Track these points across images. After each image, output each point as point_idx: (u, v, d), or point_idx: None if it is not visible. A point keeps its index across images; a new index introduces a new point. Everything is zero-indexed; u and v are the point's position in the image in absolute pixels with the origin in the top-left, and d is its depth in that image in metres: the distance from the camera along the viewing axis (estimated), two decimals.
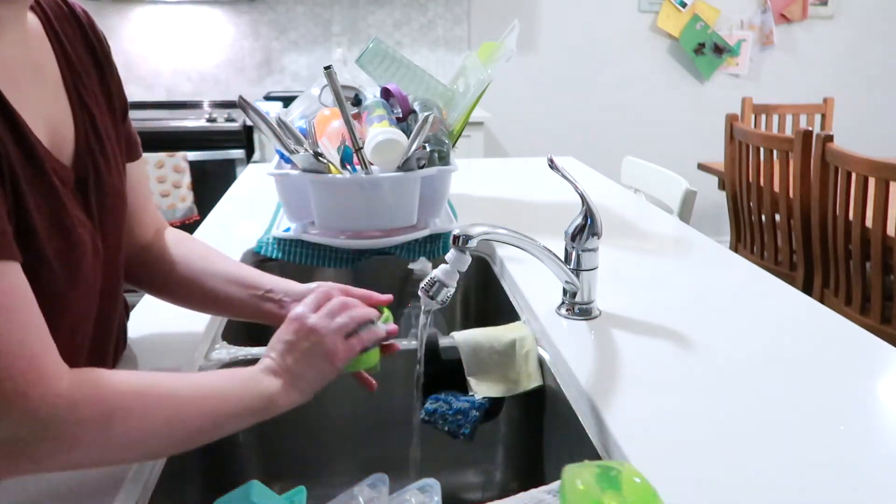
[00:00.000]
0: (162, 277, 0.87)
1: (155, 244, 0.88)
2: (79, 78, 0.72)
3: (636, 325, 0.95)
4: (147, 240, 0.87)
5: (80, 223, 0.67)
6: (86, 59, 0.74)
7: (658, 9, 3.81)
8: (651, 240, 1.36)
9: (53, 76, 0.69)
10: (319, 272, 1.30)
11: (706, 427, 0.71)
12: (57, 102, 0.68)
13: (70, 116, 0.69)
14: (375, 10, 3.64)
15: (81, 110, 0.71)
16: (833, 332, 0.95)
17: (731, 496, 0.61)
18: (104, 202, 0.72)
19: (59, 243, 0.62)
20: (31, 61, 0.66)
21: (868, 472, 0.64)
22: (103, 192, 0.72)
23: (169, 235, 0.90)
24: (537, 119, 3.89)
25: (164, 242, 0.88)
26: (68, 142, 0.68)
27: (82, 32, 0.75)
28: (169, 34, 3.51)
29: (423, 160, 1.19)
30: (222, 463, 0.96)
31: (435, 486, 0.76)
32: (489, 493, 1.07)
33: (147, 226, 0.88)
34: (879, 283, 2.04)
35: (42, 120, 0.64)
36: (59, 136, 0.67)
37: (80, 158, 0.69)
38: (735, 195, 2.74)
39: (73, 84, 0.70)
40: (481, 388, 0.94)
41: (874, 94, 4.08)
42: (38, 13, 0.69)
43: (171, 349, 0.90)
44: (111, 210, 0.73)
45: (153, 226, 0.89)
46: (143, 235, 0.87)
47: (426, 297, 0.84)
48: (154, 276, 0.88)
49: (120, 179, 0.76)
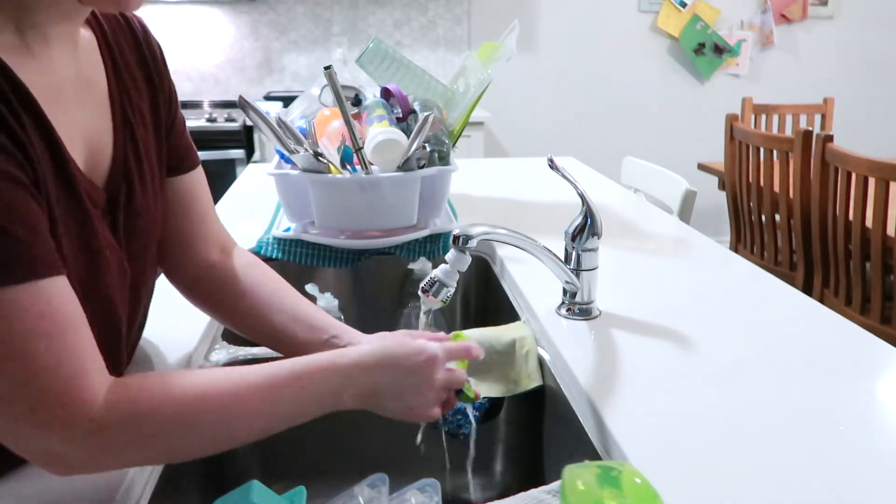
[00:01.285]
0: (228, 304, 0.84)
1: (221, 266, 0.85)
2: (126, 93, 0.71)
3: (636, 325, 0.95)
4: (212, 259, 0.84)
5: (108, 245, 0.66)
6: (137, 72, 0.73)
7: (658, 9, 3.81)
8: (651, 240, 1.36)
9: (101, 91, 0.68)
10: (319, 272, 1.30)
11: (706, 427, 0.71)
12: (100, 118, 0.68)
13: (111, 133, 0.69)
14: (375, 10, 3.63)
15: (124, 126, 0.70)
16: (833, 332, 0.95)
17: (732, 496, 0.61)
18: (133, 223, 0.71)
19: (84, 266, 0.62)
20: (81, 76, 0.65)
21: (868, 472, 0.64)
22: (133, 213, 0.71)
23: (238, 259, 0.86)
24: (537, 119, 3.89)
25: (231, 265, 0.85)
26: (105, 159, 0.68)
27: (137, 46, 0.74)
28: (169, 34, 3.51)
29: (423, 160, 1.19)
30: (222, 463, 0.96)
31: (435, 486, 0.76)
32: (489, 493, 1.07)
33: (210, 241, 0.85)
34: (879, 283, 2.04)
35: (82, 138, 0.64)
36: (96, 153, 0.66)
37: (115, 177, 0.68)
38: (735, 195, 2.74)
39: (119, 99, 0.70)
40: (481, 388, 0.94)
41: (874, 94, 4.08)
42: (94, 27, 0.69)
43: (170, 349, 0.90)
44: (140, 232, 0.72)
45: (217, 242, 0.86)
46: (207, 252, 0.84)
47: (426, 296, 0.84)
48: (218, 301, 0.85)
49: (154, 201, 0.75)
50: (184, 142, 0.82)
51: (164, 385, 0.60)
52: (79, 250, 0.62)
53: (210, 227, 0.85)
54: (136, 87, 0.73)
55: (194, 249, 0.83)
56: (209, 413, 0.60)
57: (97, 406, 0.55)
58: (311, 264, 1.27)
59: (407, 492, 0.76)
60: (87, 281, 0.62)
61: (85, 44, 0.67)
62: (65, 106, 0.62)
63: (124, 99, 0.70)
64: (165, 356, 0.89)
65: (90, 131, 0.66)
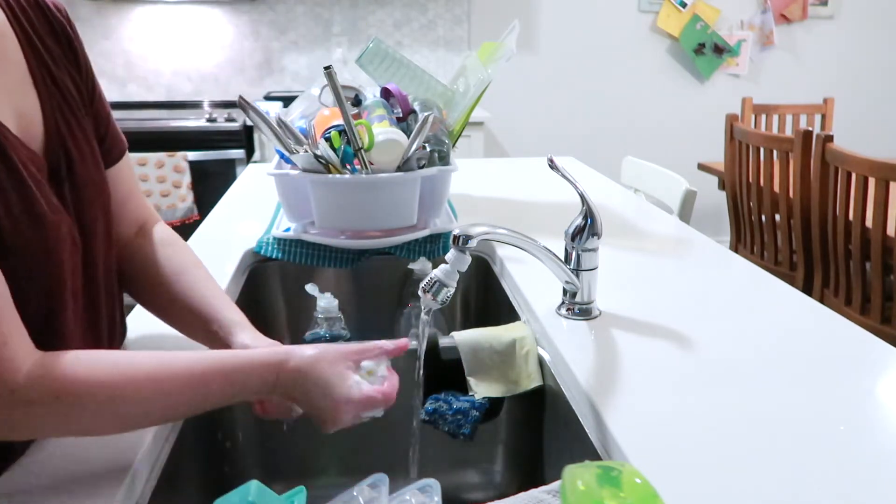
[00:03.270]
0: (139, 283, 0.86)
1: (133, 244, 0.86)
2: (45, 67, 0.72)
3: (636, 325, 0.95)
4: (128, 236, 0.86)
5: (55, 210, 0.66)
6: (54, 48, 0.74)
7: (658, 9, 3.81)
8: (651, 240, 1.36)
9: (20, 66, 0.69)
10: (319, 272, 1.30)
11: (706, 427, 0.71)
12: (24, 93, 0.68)
13: (38, 106, 0.69)
14: (375, 10, 3.63)
15: (51, 100, 0.71)
16: (833, 332, 0.95)
17: (732, 496, 0.61)
18: (80, 194, 0.72)
19: (29, 232, 0.63)
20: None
21: (868, 472, 0.64)
22: (77, 183, 0.72)
23: (158, 234, 0.88)
24: (537, 119, 3.89)
25: (144, 243, 0.86)
26: (37, 129, 0.68)
27: (49, 21, 0.75)
28: (169, 34, 3.50)
29: (423, 160, 1.19)
30: (222, 463, 0.96)
31: (435, 486, 0.76)
32: (489, 493, 1.07)
33: (128, 221, 0.86)
34: (879, 283, 2.04)
35: (10, 109, 0.65)
36: (28, 124, 0.67)
37: (51, 146, 0.69)
38: (735, 195, 2.74)
39: (40, 74, 0.71)
40: (481, 388, 0.94)
41: (874, 94, 4.08)
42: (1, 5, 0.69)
43: (169, 347, 0.90)
44: (89, 202, 0.73)
45: (135, 222, 0.87)
46: (124, 231, 0.86)
47: (426, 296, 0.84)
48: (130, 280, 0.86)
49: (97, 170, 0.76)
50: (111, 129, 0.83)
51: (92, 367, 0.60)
52: (21, 213, 0.62)
53: (129, 207, 0.87)
54: (53, 60, 0.73)
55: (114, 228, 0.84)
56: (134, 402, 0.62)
57: (18, 378, 0.55)
58: (311, 264, 1.27)
59: (407, 492, 0.75)
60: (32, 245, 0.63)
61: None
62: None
63: (44, 72, 0.71)
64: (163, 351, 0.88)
65: (17, 104, 0.66)
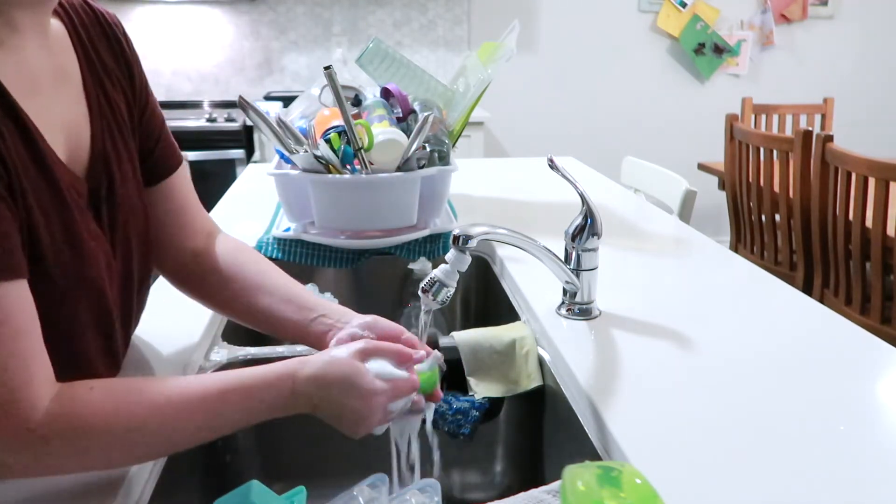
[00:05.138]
0: (216, 289, 0.85)
1: (207, 252, 0.85)
2: (100, 84, 0.71)
3: (636, 325, 0.95)
4: (197, 246, 0.85)
5: (93, 236, 0.66)
6: (110, 63, 0.74)
7: (658, 9, 3.81)
8: (651, 240, 1.36)
9: (76, 82, 0.68)
10: (319, 272, 1.30)
11: (706, 427, 0.71)
12: (76, 110, 0.68)
13: (87, 124, 0.69)
14: (375, 10, 3.63)
15: (101, 117, 0.70)
16: (833, 332, 0.95)
17: (732, 496, 0.61)
18: (116, 214, 0.71)
19: (67, 257, 0.62)
20: (55, 67, 0.65)
21: (868, 472, 0.64)
22: (115, 204, 0.71)
23: (222, 244, 0.87)
24: (537, 119, 3.89)
25: (216, 251, 0.86)
26: (84, 150, 0.68)
27: (105, 35, 0.74)
28: (169, 34, 3.50)
29: (423, 160, 1.19)
30: (222, 463, 0.96)
31: (435, 486, 0.76)
32: (489, 493, 1.07)
33: (194, 230, 0.86)
34: (879, 283, 2.04)
35: (61, 128, 0.64)
36: (76, 145, 0.67)
37: (95, 168, 0.69)
38: (735, 195, 2.74)
39: (94, 90, 0.70)
40: (481, 388, 0.94)
41: (874, 94, 4.08)
42: (62, 18, 0.69)
43: (170, 349, 0.90)
44: (123, 224, 0.72)
45: (202, 230, 0.87)
46: (192, 241, 0.85)
47: (426, 296, 0.84)
48: (207, 287, 0.85)
49: (136, 191, 0.75)
50: (163, 142, 0.82)
51: (111, 401, 0.59)
52: (63, 242, 0.62)
53: (194, 215, 0.87)
54: (108, 77, 0.73)
55: (179, 239, 0.84)
56: (154, 433, 0.61)
57: (38, 416, 0.55)
58: (311, 264, 1.27)
59: (407, 492, 0.75)
60: (72, 272, 0.63)
61: (56, 34, 0.67)
62: (43, 98, 0.62)
63: (98, 90, 0.71)
64: (164, 356, 0.89)
65: (69, 122, 0.66)
